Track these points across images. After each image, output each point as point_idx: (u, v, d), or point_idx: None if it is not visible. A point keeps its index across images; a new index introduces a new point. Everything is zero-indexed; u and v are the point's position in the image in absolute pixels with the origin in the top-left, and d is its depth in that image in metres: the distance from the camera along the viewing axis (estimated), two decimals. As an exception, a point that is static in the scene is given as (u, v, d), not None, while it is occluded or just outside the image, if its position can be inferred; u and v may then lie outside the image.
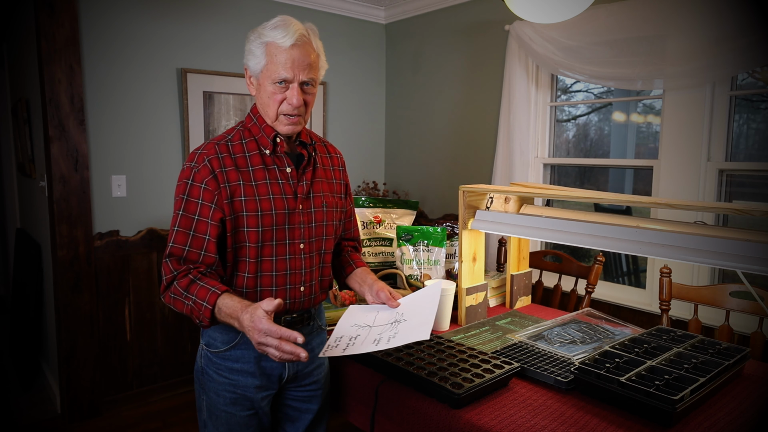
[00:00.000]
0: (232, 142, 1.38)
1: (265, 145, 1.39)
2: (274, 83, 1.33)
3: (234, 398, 1.40)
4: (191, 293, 1.27)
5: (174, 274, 1.31)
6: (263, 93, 1.36)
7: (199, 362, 1.45)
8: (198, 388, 1.47)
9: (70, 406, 2.82)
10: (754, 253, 1.32)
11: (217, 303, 1.25)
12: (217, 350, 1.40)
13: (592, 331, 1.75)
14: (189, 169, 1.33)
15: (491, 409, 1.31)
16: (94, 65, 2.78)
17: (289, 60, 1.31)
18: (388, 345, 1.29)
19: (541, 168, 3.10)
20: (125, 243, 2.94)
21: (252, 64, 1.36)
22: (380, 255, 2.36)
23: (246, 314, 1.19)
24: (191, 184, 1.32)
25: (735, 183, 2.41)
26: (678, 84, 2.38)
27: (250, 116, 1.43)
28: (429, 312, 1.39)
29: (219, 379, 1.40)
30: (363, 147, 3.98)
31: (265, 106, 1.37)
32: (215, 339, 1.40)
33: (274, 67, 1.32)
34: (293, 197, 1.40)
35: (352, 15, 3.76)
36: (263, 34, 1.34)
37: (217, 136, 1.43)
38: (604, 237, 1.59)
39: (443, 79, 3.56)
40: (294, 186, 1.41)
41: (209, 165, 1.32)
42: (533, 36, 2.83)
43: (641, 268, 3.06)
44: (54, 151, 2.66)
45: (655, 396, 1.22)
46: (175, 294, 1.30)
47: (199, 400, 1.47)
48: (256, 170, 1.37)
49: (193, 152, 1.36)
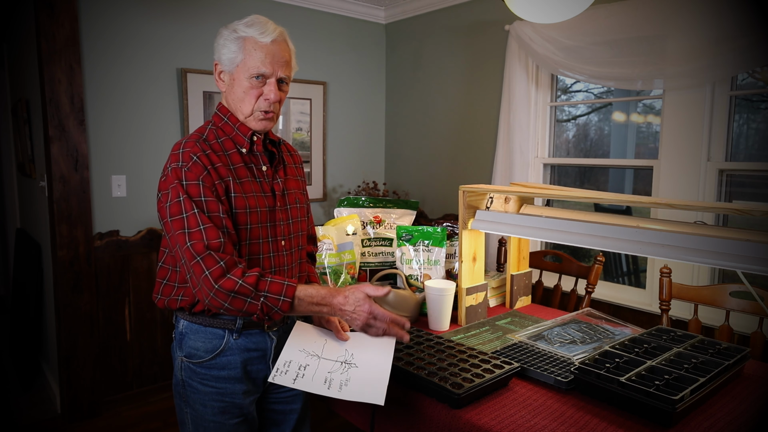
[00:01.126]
0: (209, 141, 1.34)
1: (241, 143, 1.37)
2: (250, 77, 1.32)
3: (222, 407, 1.38)
4: (262, 290, 1.25)
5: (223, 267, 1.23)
6: (237, 88, 1.34)
7: (179, 375, 1.40)
8: (179, 402, 1.43)
9: (70, 406, 2.82)
10: (754, 253, 1.32)
11: (296, 294, 1.27)
12: (200, 360, 1.36)
13: (592, 331, 1.75)
14: (178, 170, 1.27)
15: (491, 409, 1.31)
16: (94, 65, 2.78)
17: (269, 55, 1.32)
18: (339, 394, 1.25)
19: (541, 168, 3.10)
20: (125, 243, 2.94)
21: (225, 58, 1.34)
22: (380, 255, 2.35)
23: (341, 298, 1.28)
24: (187, 183, 1.26)
25: (735, 183, 2.41)
26: (678, 84, 2.38)
27: (218, 115, 1.40)
28: (384, 368, 1.31)
29: (205, 390, 1.37)
30: (363, 147, 3.98)
31: (239, 101, 1.35)
32: (197, 349, 1.36)
33: (252, 62, 1.32)
34: (272, 195, 1.41)
35: (352, 15, 3.76)
36: (238, 29, 1.33)
37: (190, 134, 1.37)
38: (604, 237, 1.59)
39: (443, 79, 3.56)
40: (270, 184, 1.41)
41: (200, 161, 1.28)
42: (533, 36, 2.83)
43: (641, 268, 3.06)
44: (54, 151, 2.66)
45: (655, 396, 1.22)
46: (237, 293, 1.23)
47: (182, 414, 1.43)
48: (238, 168, 1.36)
49: (175, 153, 1.30)
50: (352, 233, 2.20)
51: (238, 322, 1.37)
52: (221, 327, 1.36)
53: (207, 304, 1.26)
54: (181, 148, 1.31)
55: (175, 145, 1.34)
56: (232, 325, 1.36)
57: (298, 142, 3.62)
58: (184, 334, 1.39)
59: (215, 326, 1.36)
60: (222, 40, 1.35)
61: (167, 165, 1.31)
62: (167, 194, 1.28)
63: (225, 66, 1.35)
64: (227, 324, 1.36)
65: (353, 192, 3.88)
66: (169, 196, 1.28)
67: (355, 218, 2.28)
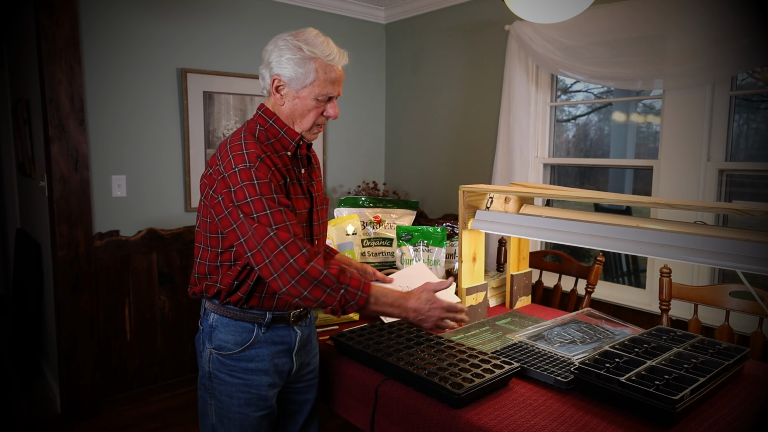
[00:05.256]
0: (262, 142, 1.37)
1: (287, 146, 1.42)
2: (318, 98, 1.37)
3: (248, 398, 1.42)
4: (343, 282, 1.29)
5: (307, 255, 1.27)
6: (301, 105, 1.38)
7: (207, 367, 1.44)
8: (204, 393, 1.47)
9: (70, 406, 2.82)
10: (754, 253, 1.32)
11: (372, 292, 1.33)
12: (230, 352, 1.40)
13: (592, 331, 1.75)
14: (248, 170, 1.28)
15: (491, 409, 1.31)
16: (94, 65, 2.78)
17: (339, 79, 1.39)
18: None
19: (541, 168, 3.10)
20: (125, 243, 2.94)
21: (292, 76, 1.35)
22: (380, 255, 2.36)
23: (414, 300, 1.38)
24: (258, 182, 1.28)
25: (735, 183, 2.41)
26: (678, 84, 2.38)
27: (263, 118, 1.42)
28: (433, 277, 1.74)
29: (233, 381, 1.41)
30: (363, 147, 3.98)
31: (300, 117, 1.40)
32: (227, 342, 1.40)
33: (325, 87, 1.37)
34: (309, 197, 1.46)
35: (352, 15, 3.76)
36: (303, 48, 1.34)
37: (244, 135, 1.37)
38: (604, 237, 1.59)
39: (443, 79, 3.56)
40: (307, 186, 1.46)
41: (264, 163, 1.31)
42: (533, 36, 2.83)
43: (641, 268, 3.06)
44: (54, 151, 2.66)
45: (655, 396, 1.22)
46: (321, 282, 1.27)
47: (205, 405, 1.47)
48: (288, 169, 1.40)
49: (239, 154, 1.30)
50: (352, 233, 2.20)
51: (267, 317, 1.41)
52: (251, 321, 1.41)
53: (284, 292, 1.28)
54: (244, 149, 1.31)
55: (234, 145, 1.33)
56: (261, 319, 1.41)
57: (298, 142, 3.62)
58: (215, 327, 1.42)
59: (245, 320, 1.41)
60: (286, 55, 1.35)
61: (231, 165, 1.30)
62: (231, 193, 1.29)
63: (290, 84, 1.37)
64: (257, 318, 1.41)
65: (353, 192, 3.88)
66: (236, 195, 1.29)
67: (355, 218, 2.28)
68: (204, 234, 1.41)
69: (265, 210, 1.27)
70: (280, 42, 1.36)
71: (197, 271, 1.44)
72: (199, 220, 1.43)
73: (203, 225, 1.40)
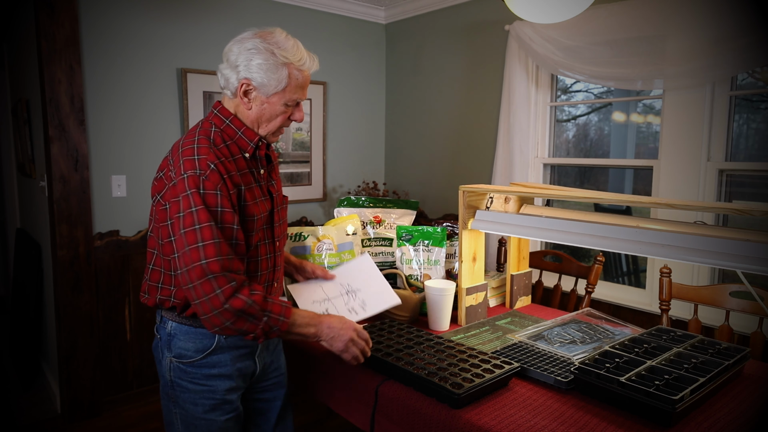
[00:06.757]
0: (217, 145, 1.31)
1: (245, 147, 1.37)
2: (287, 103, 1.35)
3: (213, 404, 1.39)
4: (267, 310, 1.27)
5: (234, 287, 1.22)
6: (270, 110, 1.35)
7: (168, 376, 1.40)
8: (167, 402, 1.43)
9: (70, 406, 2.82)
10: (754, 253, 1.32)
11: (293, 316, 1.33)
12: (191, 360, 1.37)
13: (592, 331, 1.75)
14: (196, 178, 1.23)
15: (491, 409, 1.31)
16: (94, 65, 2.78)
17: (307, 84, 1.38)
18: (367, 313, 1.57)
19: (541, 168, 3.10)
20: (125, 243, 2.94)
21: (265, 81, 1.30)
22: (380, 255, 2.35)
23: (328, 318, 1.41)
24: (205, 192, 1.23)
25: (735, 183, 2.41)
26: (678, 84, 2.38)
27: (219, 117, 1.37)
28: (380, 280, 1.70)
29: (196, 388, 1.38)
30: (363, 147, 3.98)
31: (267, 121, 1.37)
32: (187, 350, 1.37)
33: (295, 90, 1.35)
34: (270, 198, 1.43)
35: (352, 15, 3.76)
36: (276, 53, 1.29)
37: (198, 138, 1.30)
38: (604, 237, 1.59)
39: (443, 79, 3.56)
40: (267, 187, 1.43)
41: (217, 170, 1.25)
42: (533, 36, 2.83)
43: (641, 268, 3.06)
44: (54, 151, 2.66)
45: (655, 396, 1.22)
46: (245, 312, 1.23)
47: (170, 414, 1.43)
48: (244, 174, 1.35)
49: (190, 159, 1.25)
50: (352, 233, 2.20)
51: None
52: None
53: (205, 320, 1.24)
54: (195, 153, 1.26)
55: (186, 149, 1.28)
56: None
57: (297, 142, 3.62)
58: (173, 335, 1.38)
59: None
60: (256, 60, 1.29)
61: (180, 171, 1.25)
62: (178, 202, 1.24)
63: (260, 89, 1.32)
64: None
65: (353, 192, 3.88)
66: (180, 205, 1.23)
67: (355, 218, 2.28)
68: (156, 239, 1.35)
69: (198, 224, 1.21)
70: (248, 44, 1.30)
71: (149, 278, 1.39)
72: (151, 225, 1.38)
73: (155, 230, 1.36)
